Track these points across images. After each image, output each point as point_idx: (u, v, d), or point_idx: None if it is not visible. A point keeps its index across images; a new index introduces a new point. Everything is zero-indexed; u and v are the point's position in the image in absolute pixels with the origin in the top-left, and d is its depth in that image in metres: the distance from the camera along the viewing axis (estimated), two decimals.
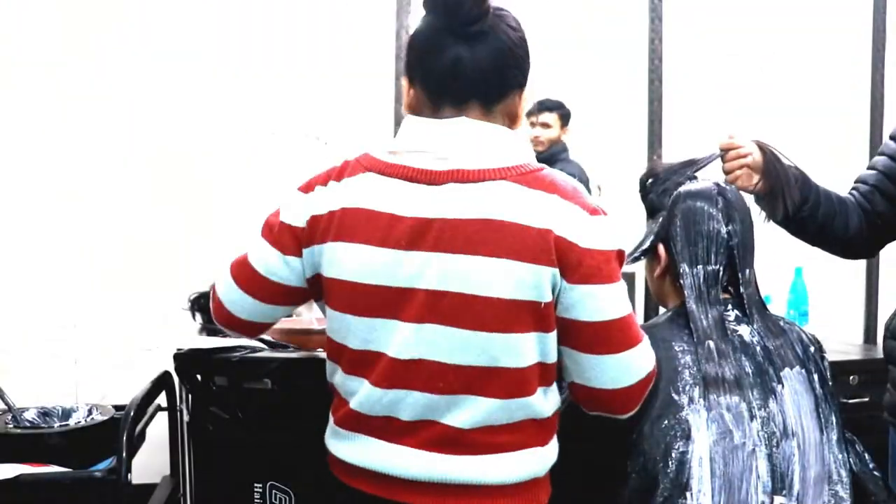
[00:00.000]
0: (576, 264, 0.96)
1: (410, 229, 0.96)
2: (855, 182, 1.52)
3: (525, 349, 0.97)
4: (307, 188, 1.07)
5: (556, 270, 0.96)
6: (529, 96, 1.07)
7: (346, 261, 1.00)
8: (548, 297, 0.96)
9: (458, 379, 0.97)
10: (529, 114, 2.59)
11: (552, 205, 0.96)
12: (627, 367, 1.03)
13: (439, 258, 0.95)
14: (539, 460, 1.04)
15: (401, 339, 0.98)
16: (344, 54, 2.30)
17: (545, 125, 2.57)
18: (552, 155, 2.55)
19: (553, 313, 0.99)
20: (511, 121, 1.05)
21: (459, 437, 0.99)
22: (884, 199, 1.45)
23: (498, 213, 0.95)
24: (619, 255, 1.02)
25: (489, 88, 1.01)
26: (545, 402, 1.03)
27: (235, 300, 1.12)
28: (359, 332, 1.01)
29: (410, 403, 0.99)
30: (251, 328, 1.17)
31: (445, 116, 1.00)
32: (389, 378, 1.00)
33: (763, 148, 1.39)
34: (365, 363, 1.02)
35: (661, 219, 1.31)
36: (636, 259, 1.32)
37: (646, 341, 1.07)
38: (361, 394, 1.03)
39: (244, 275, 1.11)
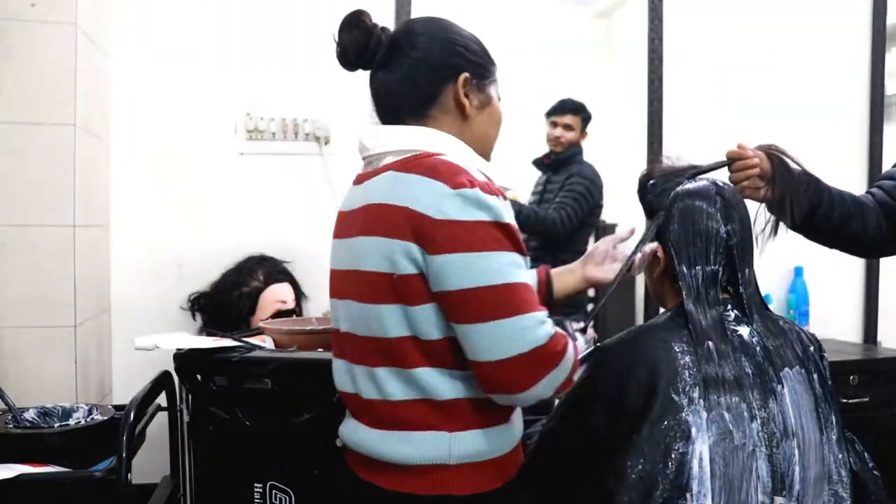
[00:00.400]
0: (431, 236, 1.00)
1: (345, 222, 1.15)
2: (881, 178, 1.50)
3: (390, 320, 1.04)
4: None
5: (412, 245, 1.01)
6: (465, 81, 1.13)
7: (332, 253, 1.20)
8: (402, 270, 1.02)
9: (360, 349, 1.09)
10: (551, 113, 2.59)
11: (415, 183, 1.03)
12: (501, 338, 0.98)
13: (349, 242, 1.12)
14: (444, 445, 1.04)
15: (340, 314, 1.15)
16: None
17: (567, 126, 2.57)
18: (570, 156, 2.56)
19: (414, 287, 1.02)
20: (460, 112, 1.13)
21: (370, 409, 1.09)
22: None
23: (374, 199, 1.07)
24: (494, 225, 1.01)
25: (408, 101, 1.13)
26: (438, 382, 1.04)
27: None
28: (334, 311, 1.18)
29: (344, 372, 1.14)
30: None
31: None
32: (338, 351, 1.17)
33: (771, 156, 1.38)
34: (335, 341, 1.20)
35: (659, 219, 1.31)
36: (632, 255, 1.31)
37: (538, 315, 1.00)
38: (334, 368, 1.20)
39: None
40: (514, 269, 1.01)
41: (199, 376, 1.55)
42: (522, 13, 2.72)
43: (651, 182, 1.34)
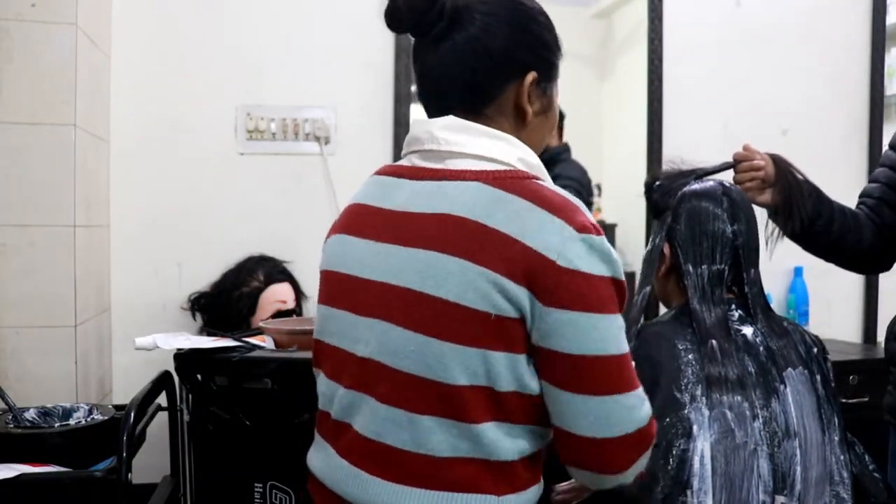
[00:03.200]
0: (553, 285, 0.84)
1: (380, 221, 0.94)
2: (860, 196, 1.52)
3: (463, 364, 0.85)
4: None
5: (521, 288, 0.84)
6: (532, 80, 0.95)
7: (330, 252, 1.02)
8: (501, 311, 0.84)
9: (396, 388, 0.89)
10: None
11: (529, 213, 0.85)
12: (611, 414, 0.87)
13: (401, 251, 0.90)
14: None
15: (357, 335, 0.93)
16: (343, 54, 2.30)
17: None
18: (553, 156, 2.55)
19: (508, 334, 0.85)
20: (518, 116, 0.96)
21: (402, 461, 0.89)
22: (891, 211, 1.45)
23: (461, 211, 0.87)
24: (613, 283, 0.88)
25: (460, 93, 0.94)
26: (501, 440, 0.87)
27: None
28: (327, 323, 0.99)
29: (348, 403, 0.94)
30: None
31: None
32: (342, 375, 0.96)
33: (777, 161, 1.39)
34: (329, 357, 1.00)
35: (667, 219, 1.32)
36: (650, 262, 1.32)
37: (640, 393, 0.91)
38: (326, 393, 1.00)
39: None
40: (624, 335, 0.89)
41: (199, 376, 1.55)
42: None
43: (657, 183, 1.35)
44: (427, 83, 0.96)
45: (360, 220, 0.97)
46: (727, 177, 1.38)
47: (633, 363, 0.96)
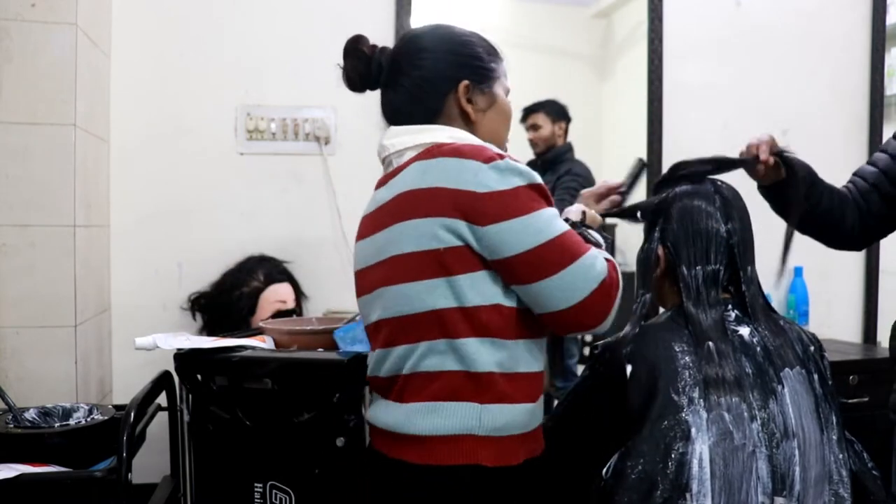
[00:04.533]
0: (481, 208, 1.06)
1: (371, 221, 1.20)
2: (854, 175, 1.52)
3: (436, 293, 1.08)
4: None
5: (457, 220, 1.06)
6: (466, 87, 1.18)
7: (356, 256, 1.26)
8: (447, 243, 1.07)
9: (401, 330, 1.12)
10: (522, 119, 2.59)
11: (448, 166, 1.09)
12: (572, 283, 1.07)
13: (381, 234, 1.16)
14: (474, 416, 1.08)
15: (373, 305, 1.18)
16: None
17: (534, 126, 2.57)
18: (557, 155, 2.55)
19: (458, 259, 1.07)
20: (464, 117, 1.19)
21: (406, 385, 1.12)
22: (881, 200, 1.45)
23: (405, 187, 1.12)
24: (531, 188, 1.09)
25: (415, 117, 1.18)
26: (479, 353, 1.08)
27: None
28: (363, 309, 1.23)
29: (383, 360, 1.17)
30: None
31: None
32: (374, 340, 1.21)
33: (787, 163, 1.41)
34: (369, 333, 1.24)
35: (659, 221, 1.32)
36: (645, 265, 1.32)
37: (591, 252, 1.10)
38: (371, 360, 1.23)
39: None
40: (558, 220, 1.10)
41: (199, 376, 1.55)
42: (522, 13, 2.72)
43: (680, 168, 1.35)
44: (390, 119, 1.23)
45: (362, 227, 1.23)
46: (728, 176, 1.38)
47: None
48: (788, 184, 1.38)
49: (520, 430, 1.11)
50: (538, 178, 1.10)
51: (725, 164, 1.35)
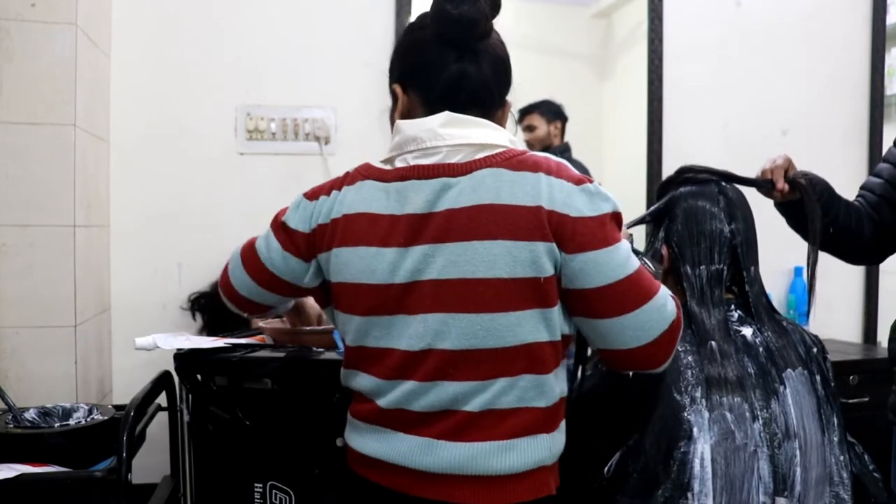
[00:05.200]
0: (570, 235, 0.98)
1: (408, 226, 1.01)
2: (861, 189, 1.52)
3: (530, 326, 0.99)
4: (312, 196, 1.12)
5: (553, 245, 0.98)
6: (510, 107, 1.13)
7: (350, 264, 1.05)
8: (547, 272, 0.98)
9: (469, 365, 0.99)
10: (517, 122, 2.59)
11: (538, 182, 0.99)
12: (645, 323, 1.02)
13: (438, 249, 0.99)
14: (546, 447, 1.02)
15: (411, 332, 1.01)
16: (343, 54, 2.30)
17: (529, 127, 2.57)
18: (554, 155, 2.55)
19: (554, 288, 1.00)
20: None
21: (470, 422, 1.00)
22: (891, 210, 1.45)
23: (489, 199, 0.98)
24: (614, 216, 1.02)
25: (490, 98, 1.07)
26: (554, 385, 1.03)
27: (238, 276, 1.22)
28: (371, 330, 1.05)
29: (423, 394, 1.01)
30: (246, 304, 1.27)
31: None
32: (403, 371, 1.02)
33: (798, 188, 1.39)
34: (379, 359, 1.05)
35: (664, 220, 1.32)
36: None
37: (662, 291, 1.04)
38: (378, 389, 1.05)
39: (249, 257, 1.20)
40: (633, 254, 1.04)
41: (199, 376, 1.54)
42: (522, 13, 2.72)
43: (686, 171, 1.34)
44: (461, 85, 1.04)
45: (375, 230, 1.03)
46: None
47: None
48: (800, 209, 1.37)
49: (564, 445, 1.08)
50: (619, 207, 1.03)
51: (736, 181, 1.35)
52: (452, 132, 1.02)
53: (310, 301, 1.53)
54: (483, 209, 0.98)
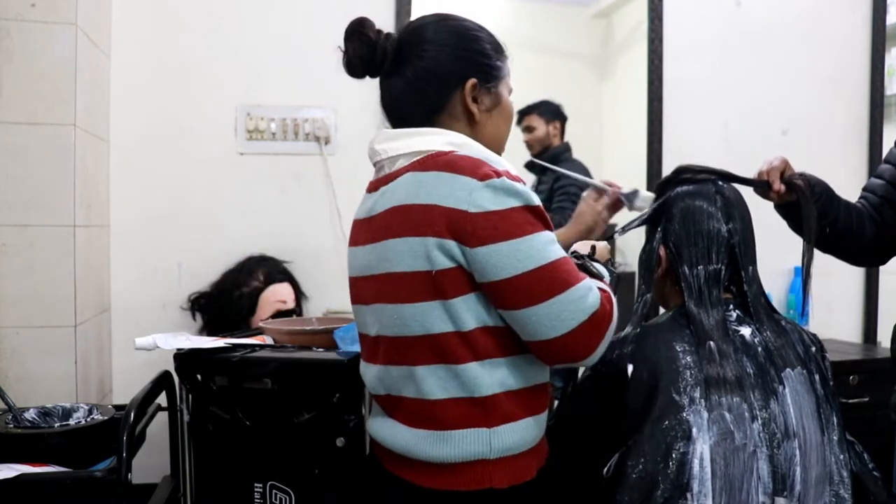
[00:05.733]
0: (471, 230, 1.01)
1: (365, 229, 1.15)
2: (863, 191, 1.52)
3: (432, 317, 1.04)
4: None
5: (448, 241, 1.02)
6: (472, 86, 1.12)
7: (348, 262, 1.21)
8: (438, 266, 1.02)
9: (397, 350, 1.08)
10: (516, 123, 2.59)
11: (441, 181, 1.03)
12: (561, 313, 1.02)
13: (374, 247, 1.11)
14: (484, 442, 1.04)
15: (369, 321, 1.14)
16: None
17: (528, 128, 2.57)
18: (554, 156, 2.55)
19: (451, 282, 1.03)
20: (468, 117, 1.13)
21: (413, 409, 1.08)
22: (892, 211, 1.45)
23: (398, 200, 1.07)
24: (525, 209, 1.03)
25: (415, 110, 1.13)
26: (481, 377, 1.04)
27: None
28: (357, 317, 1.20)
29: (384, 377, 1.12)
30: None
31: None
32: (370, 354, 1.16)
33: (794, 190, 1.38)
34: (363, 343, 1.20)
35: (661, 220, 1.32)
36: (647, 265, 1.32)
37: (584, 283, 1.04)
38: (364, 370, 1.20)
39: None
40: (553, 245, 1.05)
41: (199, 376, 1.55)
42: (522, 13, 2.72)
43: (684, 171, 1.34)
44: (389, 109, 1.17)
45: (355, 233, 1.19)
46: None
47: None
48: (800, 210, 1.37)
49: (529, 445, 1.09)
50: (535, 200, 1.05)
51: (733, 180, 1.34)
52: (385, 146, 1.12)
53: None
54: (395, 210, 1.07)
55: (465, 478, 1.05)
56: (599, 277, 1.14)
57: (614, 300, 1.10)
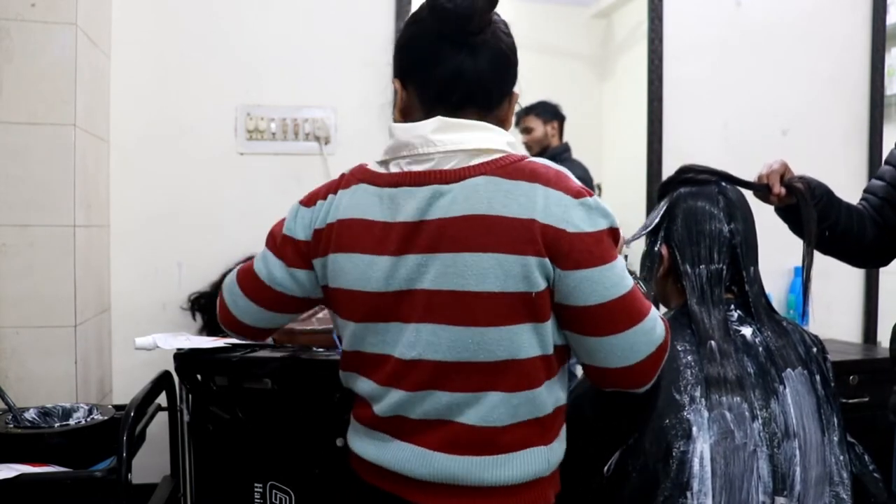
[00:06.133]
0: (567, 251, 0.95)
1: (400, 234, 0.98)
2: (864, 192, 1.52)
3: (521, 341, 0.97)
4: (309, 202, 1.10)
5: (546, 259, 0.95)
6: (517, 98, 1.09)
7: (346, 271, 1.03)
8: (539, 287, 0.95)
9: (461, 376, 0.98)
10: (515, 124, 2.58)
11: (534, 193, 0.95)
12: (634, 344, 1.01)
13: (430, 259, 0.97)
14: (543, 460, 1.01)
15: (404, 341, 0.99)
16: (343, 54, 2.30)
17: (526, 129, 2.57)
18: (553, 156, 2.55)
19: (547, 303, 0.97)
20: (502, 125, 1.05)
21: (465, 437, 0.98)
22: (894, 212, 1.45)
23: (481, 209, 0.95)
24: (611, 233, 1.00)
25: (487, 96, 1.03)
26: (547, 397, 1.01)
27: (240, 305, 1.16)
28: (367, 336, 1.03)
29: (417, 403, 1.00)
30: (255, 333, 1.20)
31: None
32: (396, 378, 1.01)
33: (794, 192, 1.38)
34: (376, 365, 1.03)
35: (664, 221, 1.32)
36: (649, 265, 1.32)
37: (653, 313, 1.03)
38: (375, 395, 1.04)
39: (249, 282, 1.14)
40: (627, 271, 1.01)
41: (199, 376, 1.55)
42: (522, 13, 2.72)
43: (682, 168, 1.34)
44: (457, 82, 1.00)
45: (370, 236, 1.01)
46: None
47: None
48: (800, 213, 1.37)
49: (564, 452, 1.07)
50: (617, 222, 1.01)
51: (734, 182, 1.34)
52: (444, 138, 0.99)
53: None
54: (475, 219, 0.95)
55: (524, 498, 1.01)
56: (646, 297, 1.10)
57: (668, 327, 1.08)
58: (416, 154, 1.00)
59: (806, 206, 1.35)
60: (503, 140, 1.01)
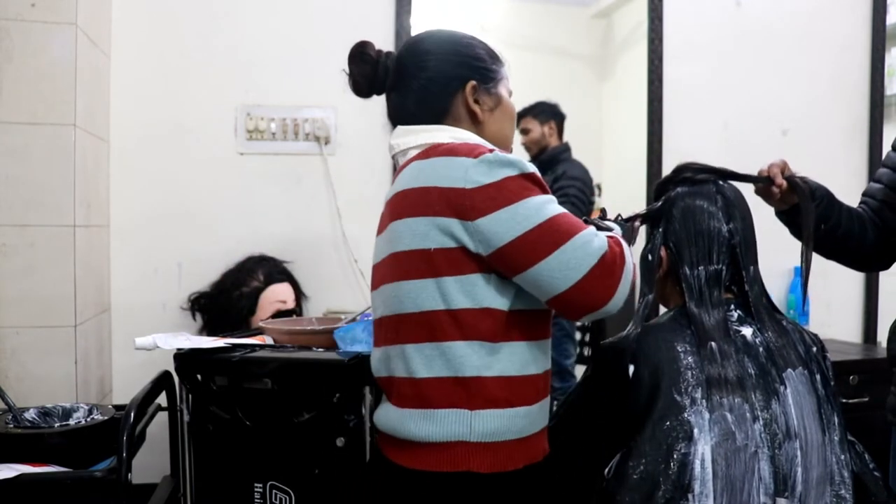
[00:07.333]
0: (469, 205, 1.05)
1: (380, 221, 1.21)
2: (863, 196, 1.52)
3: (425, 295, 1.08)
4: None
5: (448, 219, 1.06)
6: (473, 87, 1.19)
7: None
8: (436, 244, 1.07)
9: (394, 329, 1.13)
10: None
11: (439, 165, 1.09)
12: (570, 261, 1.04)
13: (385, 232, 1.18)
14: (465, 423, 1.07)
15: (376, 303, 1.20)
16: (343, 54, 2.30)
17: (525, 131, 2.58)
18: (554, 156, 2.55)
19: (446, 260, 1.07)
20: (471, 117, 1.20)
21: (400, 388, 1.12)
22: (893, 215, 1.45)
23: (403, 185, 1.14)
24: (522, 176, 1.08)
25: (422, 117, 1.19)
26: (468, 357, 1.07)
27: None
28: (372, 305, 1.24)
29: (381, 359, 1.17)
30: None
31: None
32: (376, 339, 1.21)
33: (794, 187, 1.37)
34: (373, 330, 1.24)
35: (662, 221, 1.31)
36: (648, 266, 1.31)
37: (588, 231, 1.07)
38: (371, 358, 1.24)
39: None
40: (551, 204, 1.08)
41: (199, 376, 1.55)
42: (522, 13, 2.72)
43: (684, 170, 1.33)
44: (397, 121, 1.23)
45: (379, 223, 1.23)
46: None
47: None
48: (800, 215, 1.36)
49: (515, 435, 1.09)
50: (530, 168, 1.09)
51: (734, 178, 1.34)
52: (398, 141, 1.20)
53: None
54: (400, 194, 1.14)
55: (445, 458, 1.07)
56: (608, 230, 1.16)
57: (625, 245, 1.12)
58: (391, 157, 1.23)
59: (805, 200, 1.35)
60: (447, 135, 1.16)
